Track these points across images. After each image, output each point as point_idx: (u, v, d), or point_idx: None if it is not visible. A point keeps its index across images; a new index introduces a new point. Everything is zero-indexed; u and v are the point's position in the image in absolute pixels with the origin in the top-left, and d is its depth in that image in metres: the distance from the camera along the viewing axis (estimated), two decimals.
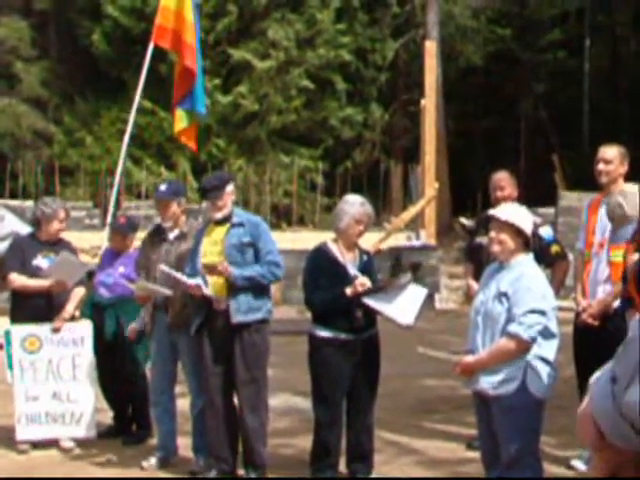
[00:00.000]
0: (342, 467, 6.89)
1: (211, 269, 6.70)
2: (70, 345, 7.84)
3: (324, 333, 6.64)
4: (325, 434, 6.73)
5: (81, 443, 7.79)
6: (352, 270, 6.66)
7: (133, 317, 7.78)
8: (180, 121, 11.59)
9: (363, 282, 6.52)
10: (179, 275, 6.82)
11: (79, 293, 7.94)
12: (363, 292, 6.51)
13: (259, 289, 6.83)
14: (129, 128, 11.87)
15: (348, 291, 6.52)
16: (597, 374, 1.40)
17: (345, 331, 6.59)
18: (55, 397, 7.80)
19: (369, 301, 6.50)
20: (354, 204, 6.76)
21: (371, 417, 6.85)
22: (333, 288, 6.57)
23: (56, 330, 7.80)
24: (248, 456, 6.89)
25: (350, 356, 6.62)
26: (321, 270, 6.70)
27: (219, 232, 6.93)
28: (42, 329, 7.82)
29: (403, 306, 6.55)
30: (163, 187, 7.59)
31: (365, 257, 6.87)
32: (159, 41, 11.68)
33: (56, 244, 7.97)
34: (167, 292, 7.09)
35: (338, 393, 6.69)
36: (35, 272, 7.79)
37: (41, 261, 7.83)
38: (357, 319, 6.60)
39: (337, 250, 6.74)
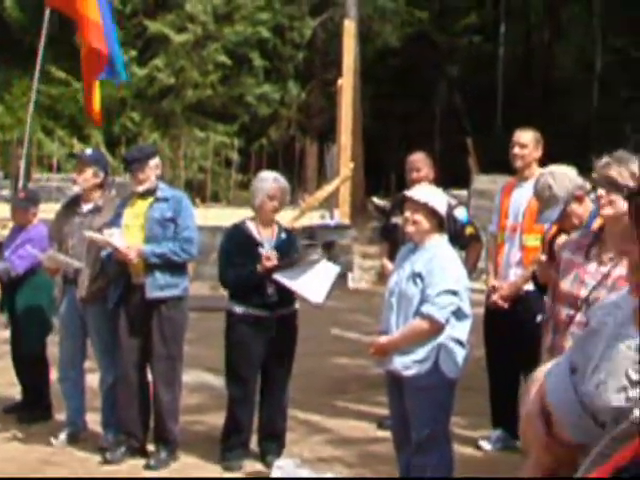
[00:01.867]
0: (254, 445, 6.89)
1: (122, 257, 6.65)
2: None
3: (239, 309, 6.66)
4: (237, 411, 6.73)
5: None
6: (267, 247, 6.64)
7: (43, 291, 7.68)
8: (97, 95, 11.36)
9: (269, 256, 6.52)
10: (107, 237, 6.71)
11: None
12: (273, 268, 6.49)
13: (175, 266, 6.79)
14: (33, 95, 11.66)
15: (258, 267, 6.51)
16: (547, 367, 1.39)
17: (258, 307, 6.60)
18: None
19: (279, 277, 6.50)
20: (267, 180, 6.78)
21: (285, 397, 6.86)
22: (247, 266, 6.56)
23: None
24: (160, 432, 6.84)
25: (264, 333, 6.61)
26: (236, 248, 6.70)
27: (142, 205, 6.85)
28: None
29: (313, 283, 6.55)
30: (88, 151, 7.65)
31: (284, 235, 6.84)
32: (50, 3, 11.45)
33: None
34: (76, 264, 7.02)
35: (251, 370, 6.69)
36: None
37: None
38: (268, 295, 6.59)
39: (254, 228, 6.73)
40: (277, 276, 6.51)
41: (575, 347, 1.32)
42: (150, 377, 6.90)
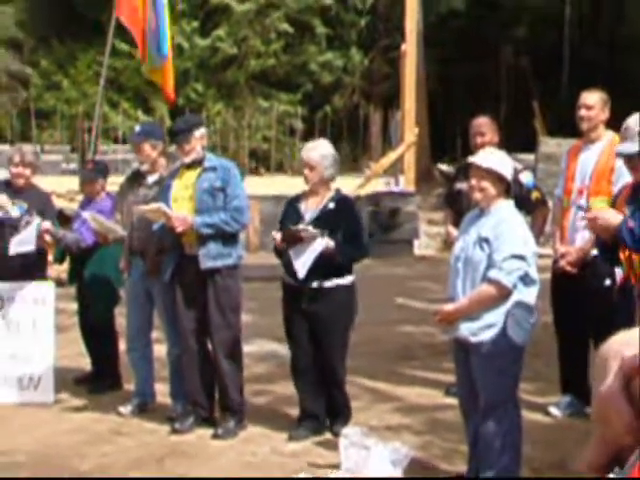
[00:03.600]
0: None
1: (173, 228, 6.66)
2: (31, 305, 7.65)
3: (283, 275, 6.73)
4: (294, 381, 6.82)
5: (58, 389, 7.73)
6: (308, 218, 6.56)
7: (109, 263, 7.73)
8: (148, 64, 11.45)
9: (275, 235, 6.55)
10: (161, 206, 6.73)
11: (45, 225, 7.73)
12: (286, 243, 6.46)
13: (228, 235, 6.78)
14: (104, 71, 11.75)
15: (274, 241, 6.58)
16: (622, 339, 1.30)
17: (290, 276, 6.59)
18: (13, 358, 7.59)
19: (290, 253, 6.48)
20: (303, 149, 6.79)
21: (339, 371, 6.74)
22: None
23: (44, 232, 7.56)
24: (224, 402, 6.89)
25: (298, 303, 6.56)
26: (285, 218, 6.74)
27: (190, 176, 6.85)
28: (3, 287, 7.63)
29: (306, 257, 6.45)
30: (137, 128, 7.68)
31: (332, 205, 6.61)
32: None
33: (25, 191, 7.75)
34: (121, 232, 7.14)
35: (293, 339, 6.72)
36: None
37: (12, 209, 7.66)
38: (288, 267, 6.56)
39: (304, 198, 6.71)
40: (289, 252, 6.49)
41: None
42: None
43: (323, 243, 6.41)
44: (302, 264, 6.43)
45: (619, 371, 1.27)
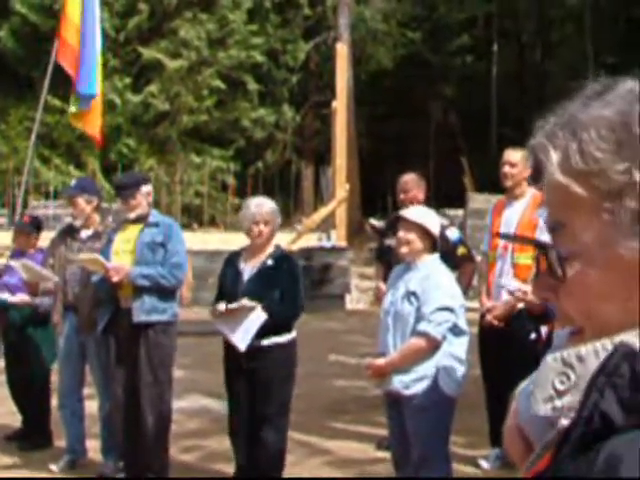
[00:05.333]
0: None
1: (109, 279, 6.66)
2: None
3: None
4: (230, 436, 6.60)
5: None
6: (246, 277, 6.47)
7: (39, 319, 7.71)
8: (73, 105, 11.47)
9: (217, 308, 6.39)
10: (98, 257, 6.73)
11: None
12: (216, 315, 6.37)
13: (164, 291, 6.74)
14: (36, 126, 11.74)
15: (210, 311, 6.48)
16: (522, 385, 1.46)
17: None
18: None
19: (219, 325, 6.37)
20: (249, 206, 6.58)
21: (272, 438, 6.41)
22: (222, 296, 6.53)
23: None
24: (147, 459, 6.74)
25: (237, 361, 6.41)
26: (224, 277, 6.63)
27: (133, 230, 6.88)
28: None
29: (244, 330, 6.28)
30: (72, 183, 7.69)
31: (271, 261, 6.48)
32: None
33: None
34: (52, 277, 7.14)
35: (232, 395, 6.53)
36: None
37: None
38: None
39: (243, 256, 6.58)
40: (218, 324, 6.37)
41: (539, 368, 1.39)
42: None
43: (262, 315, 6.24)
44: (241, 338, 6.25)
45: (513, 412, 1.44)
